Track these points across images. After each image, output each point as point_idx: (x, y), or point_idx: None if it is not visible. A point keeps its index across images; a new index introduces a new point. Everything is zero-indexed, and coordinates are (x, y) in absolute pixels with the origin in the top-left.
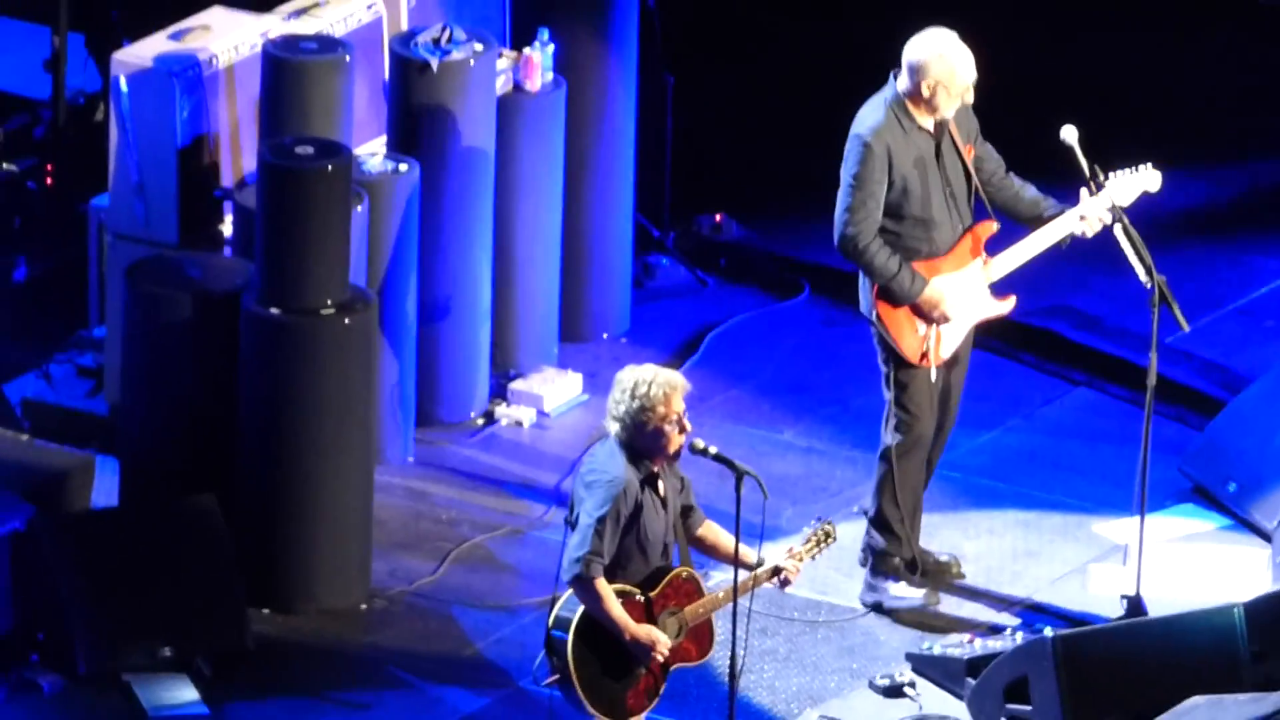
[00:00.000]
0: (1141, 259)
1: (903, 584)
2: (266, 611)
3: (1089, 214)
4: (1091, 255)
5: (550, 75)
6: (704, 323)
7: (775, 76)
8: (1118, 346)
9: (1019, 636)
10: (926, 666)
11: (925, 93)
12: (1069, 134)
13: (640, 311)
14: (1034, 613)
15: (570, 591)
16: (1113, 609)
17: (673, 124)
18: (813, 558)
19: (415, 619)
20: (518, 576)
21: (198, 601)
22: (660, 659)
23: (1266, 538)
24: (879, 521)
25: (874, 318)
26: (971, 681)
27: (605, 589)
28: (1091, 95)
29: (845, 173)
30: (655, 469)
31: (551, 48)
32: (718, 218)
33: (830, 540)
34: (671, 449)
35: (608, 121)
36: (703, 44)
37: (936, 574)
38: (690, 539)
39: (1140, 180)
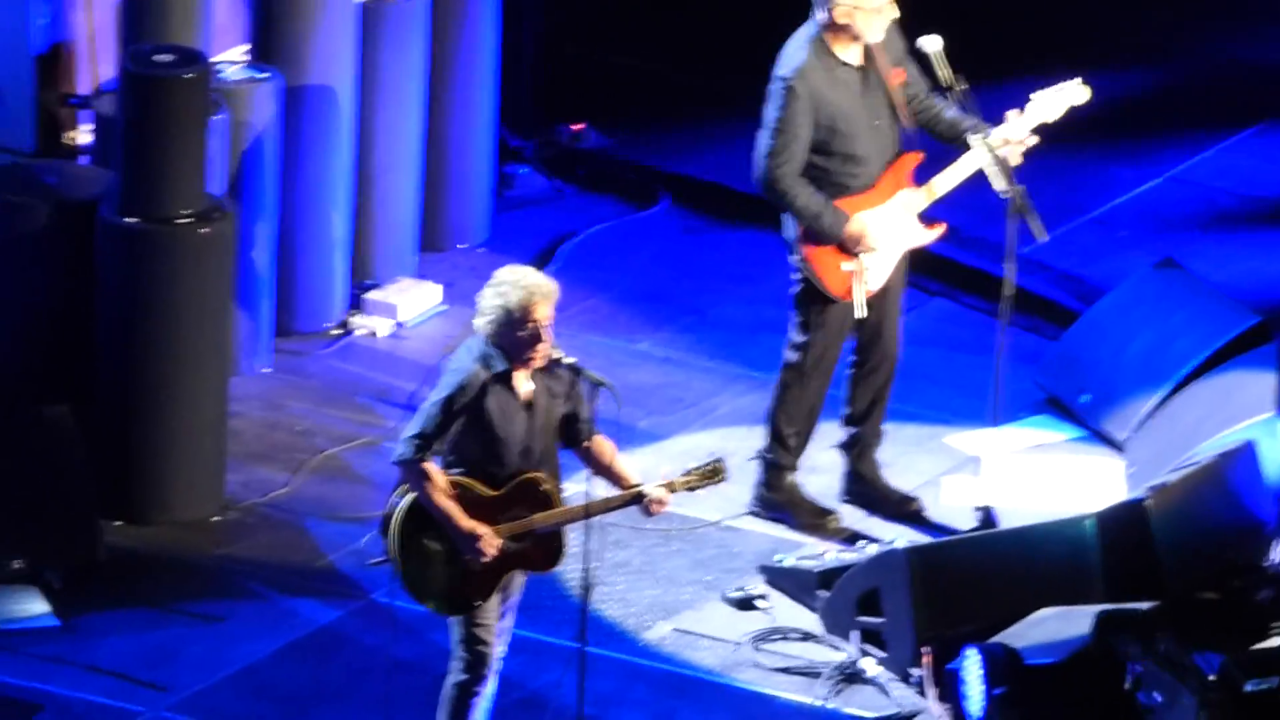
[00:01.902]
0: (1000, 168)
1: (801, 508)
2: (119, 523)
3: (1012, 136)
4: (948, 164)
5: None
6: (562, 232)
7: None
8: (974, 257)
9: (871, 548)
10: (779, 579)
11: (841, 19)
12: (929, 43)
13: (500, 221)
14: (889, 523)
15: None
16: (966, 520)
17: (534, 34)
18: (690, 490)
19: (269, 531)
20: (372, 488)
21: (49, 513)
22: (487, 556)
23: (1120, 448)
24: (773, 434)
25: (799, 255)
26: (824, 594)
27: (432, 474)
28: (952, 4)
29: (768, 114)
30: (514, 370)
31: None
32: (577, 127)
33: (718, 479)
34: (527, 353)
35: (469, 30)
36: None
37: (896, 509)
38: (577, 450)
39: (1066, 95)
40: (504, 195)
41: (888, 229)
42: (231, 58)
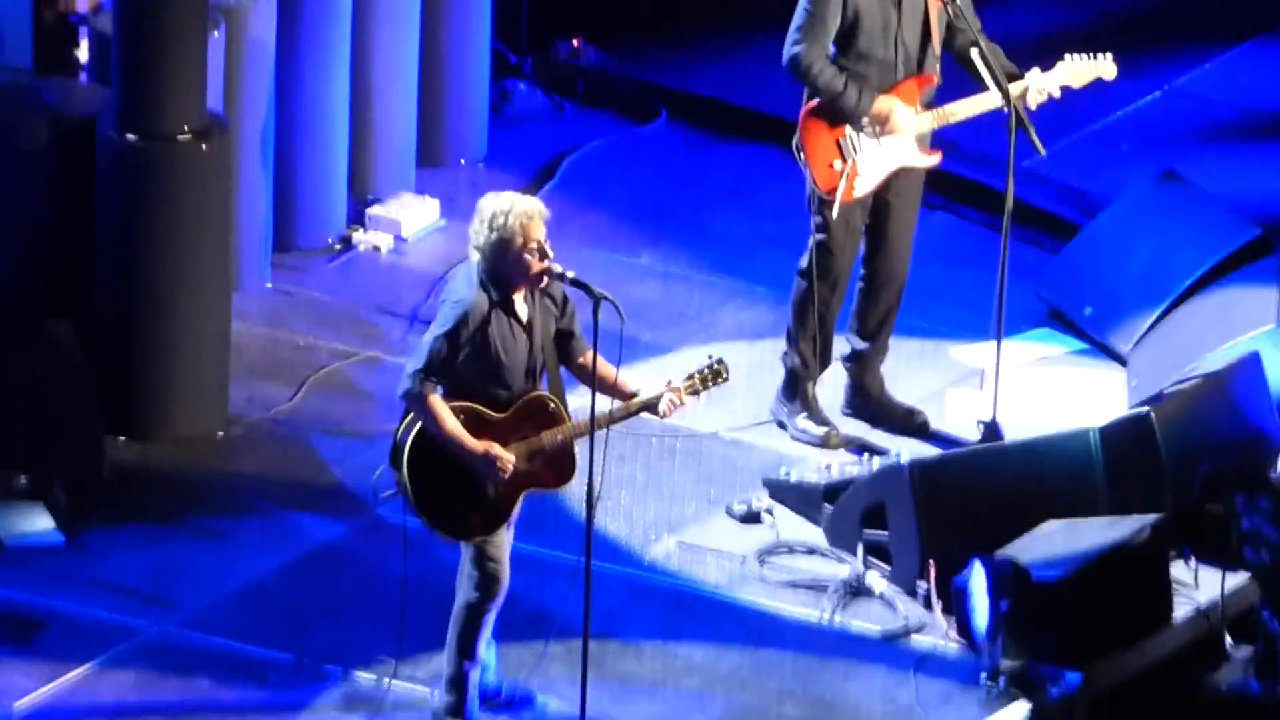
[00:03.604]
0: (998, 82)
1: (806, 417)
2: (123, 439)
3: (1036, 86)
4: (949, 79)
5: None
6: (561, 148)
7: None
8: (974, 170)
9: (875, 462)
10: (783, 493)
11: None
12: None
13: (498, 137)
14: (893, 436)
15: None
16: (971, 433)
17: None
18: (694, 394)
19: (272, 446)
20: (375, 403)
21: (54, 429)
22: (502, 476)
23: (1122, 361)
24: (791, 338)
25: (796, 139)
26: (829, 507)
27: (438, 405)
28: None
29: None
30: (514, 294)
31: None
32: (575, 42)
33: (720, 380)
34: (529, 274)
35: None
36: None
37: (900, 423)
38: (572, 367)
39: (1097, 68)
40: (502, 111)
41: (900, 128)
42: None
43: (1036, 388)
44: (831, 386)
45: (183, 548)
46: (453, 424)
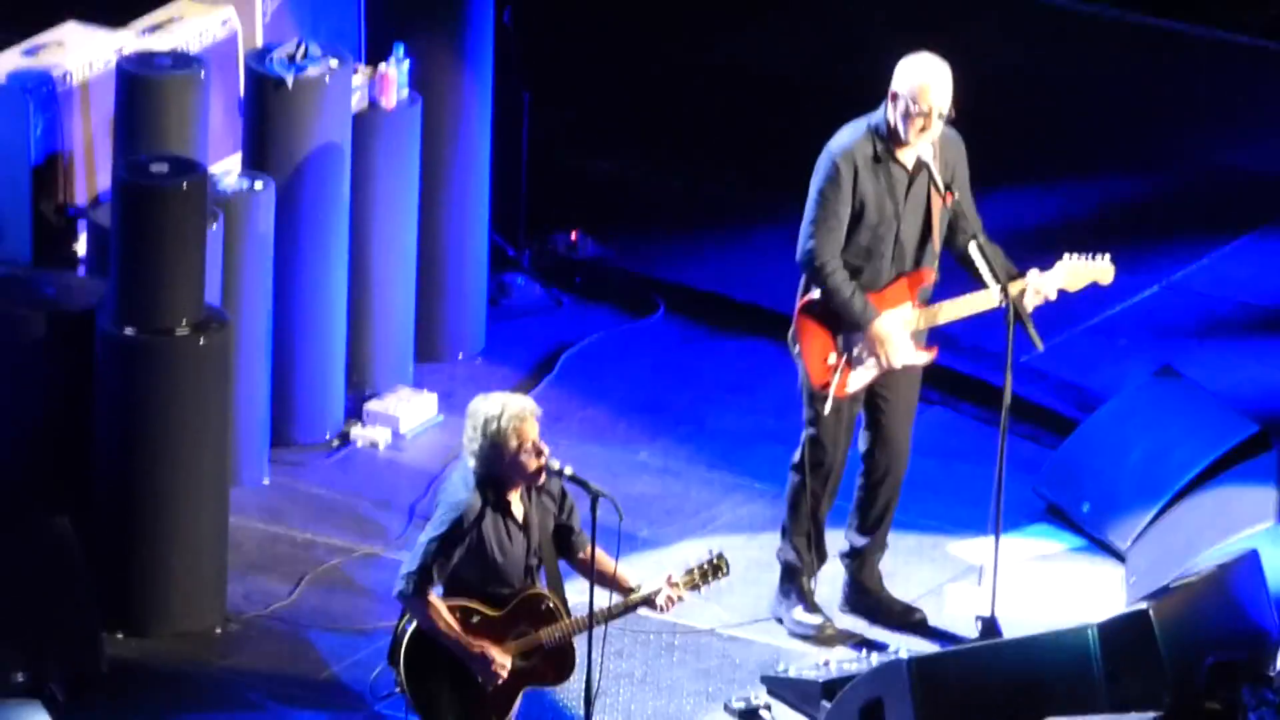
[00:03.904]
0: (996, 276)
1: (803, 610)
2: (121, 635)
3: (1034, 287)
4: (945, 271)
5: (405, 91)
6: (560, 341)
7: (632, 93)
8: (972, 365)
9: (874, 658)
10: (782, 688)
11: (891, 119)
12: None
13: (496, 330)
14: (891, 632)
15: None
16: (969, 629)
17: (528, 140)
18: (695, 589)
19: (271, 642)
20: (374, 599)
21: (52, 625)
22: (498, 676)
23: (1121, 557)
24: (786, 533)
25: (793, 331)
26: (827, 704)
27: (434, 606)
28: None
29: (813, 187)
30: (509, 495)
31: (407, 63)
32: (573, 235)
33: (720, 575)
34: (524, 474)
35: (463, 138)
36: (559, 60)
37: (899, 620)
38: (572, 561)
39: (1094, 272)
40: (500, 304)
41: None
42: (225, 167)
43: (1035, 584)
44: (830, 582)
45: None
46: (449, 625)
